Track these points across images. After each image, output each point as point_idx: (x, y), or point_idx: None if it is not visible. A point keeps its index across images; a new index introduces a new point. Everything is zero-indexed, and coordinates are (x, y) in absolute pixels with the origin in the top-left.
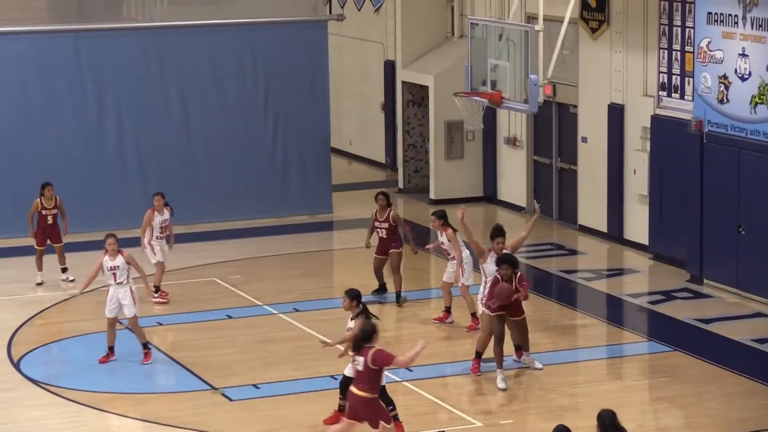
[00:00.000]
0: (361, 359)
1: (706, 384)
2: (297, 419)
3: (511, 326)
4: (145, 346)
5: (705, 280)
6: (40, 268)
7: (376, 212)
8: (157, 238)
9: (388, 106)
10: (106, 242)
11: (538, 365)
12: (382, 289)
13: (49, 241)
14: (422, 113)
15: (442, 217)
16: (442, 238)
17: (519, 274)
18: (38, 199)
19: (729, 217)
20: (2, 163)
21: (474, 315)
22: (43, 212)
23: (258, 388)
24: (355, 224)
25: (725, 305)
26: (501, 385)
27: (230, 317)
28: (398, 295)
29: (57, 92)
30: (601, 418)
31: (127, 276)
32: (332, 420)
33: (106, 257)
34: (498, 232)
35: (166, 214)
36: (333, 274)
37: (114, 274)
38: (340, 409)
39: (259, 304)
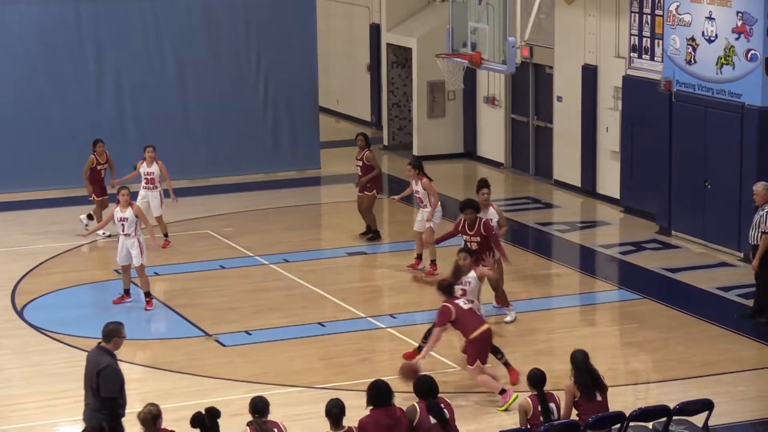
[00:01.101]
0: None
1: (672, 330)
2: (286, 364)
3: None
4: (148, 294)
5: (673, 232)
6: (100, 218)
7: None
8: (143, 188)
9: (374, 68)
10: (118, 193)
11: (508, 318)
12: (375, 235)
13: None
14: (406, 74)
15: (417, 166)
16: (417, 187)
17: (484, 220)
18: (92, 155)
19: (696, 172)
20: (7, 122)
21: (433, 262)
22: (98, 167)
23: (250, 334)
24: (342, 179)
25: (692, 255)
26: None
27: (223, 267)
28: (368, 230)
29: (58, 56)
30: (574, 359)
31: (135, 228)
32: (410, 355)
33: (118, 208)
34: (483, 183)
35: (154, 167)
36: (321, 226)
37: (123, 225)
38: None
39: (251, 255)
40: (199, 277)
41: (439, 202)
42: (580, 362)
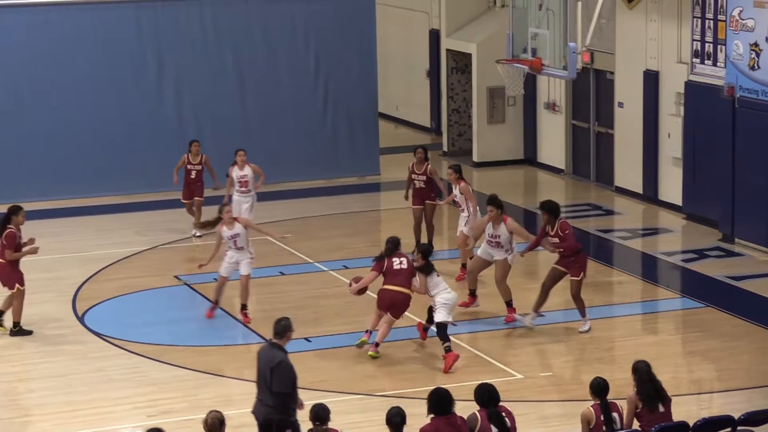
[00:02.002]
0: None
1: (736, 338)
2: (345, 371)
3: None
4: (244, 306)
5: (736, 239)
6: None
7: (413, 165)
8: (236, 192)
9: (433, 73)
10: (221, 212)
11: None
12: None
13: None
14: (465, 79)
15: (457, 171)
16: (456, 191)
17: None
18: (185, 155)
19: (759, 178)
20: (68, 128)
21: (464, 266)
22: (188, 167)
23: (309, 341)
24: (401, 186)
25: (756, 263)
26: (526, 322)
27: (283, 274)
28: (423, 243)
29: (119, 60)
30: (637, 370)
31: (247, 240)
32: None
33: (224, 228)
34: (491, 201)
35: (246, 170)
36: (380, 232)
37: (234, 241)
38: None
39: (311, 261)
40: (258, 284)
41: (478, 207)
42: (643, 373)
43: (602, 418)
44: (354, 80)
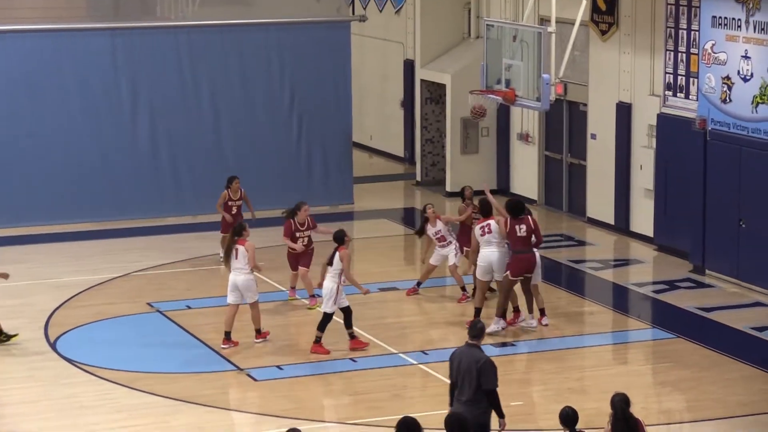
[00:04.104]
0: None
1: (706, 369)
2: (317, 399)
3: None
4: (259, 331)
5: (707, 271)
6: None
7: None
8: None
9: (407, 103)
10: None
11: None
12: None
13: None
14: (439, 110)
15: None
16: (438, 227)
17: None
18: (226, 191)
19: (730, 211)
20: (40, 155)
21: (463, 288)
22: (229, 203)
23: (281, 369)
24: (375, 215)
25: (726, 295)
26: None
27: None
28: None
29: (93, 87)
30: (613, 405)
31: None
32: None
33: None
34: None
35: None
36: (353, 261)
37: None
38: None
39: (283, 289)
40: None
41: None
42: (618, 410)
43: None
44: (329, 109)
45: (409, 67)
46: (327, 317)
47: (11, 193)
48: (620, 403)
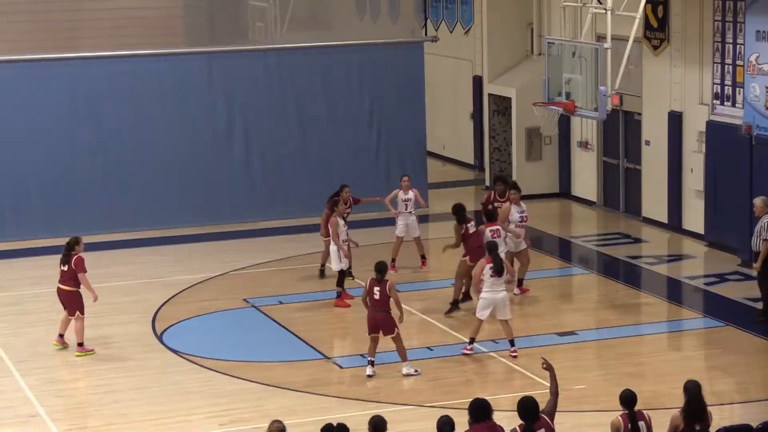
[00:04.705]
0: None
1: (754, 355)
2: (396, 384)
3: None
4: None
5: (753, 265)
6: (323, 259)
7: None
8: (401, 214)
9: (476, 115)
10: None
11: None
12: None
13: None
14: (506, 121)
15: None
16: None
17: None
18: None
19: None
20: (145, 167)
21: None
22: (347, 210)
23: (364, 357)
24: (448, 218)
25: None
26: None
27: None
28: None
29: (192, 105)
30: (687, 390)
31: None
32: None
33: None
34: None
35: (410, 194)
36: (428, 259)
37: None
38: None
39: (364, 285)
40: (320, 306)
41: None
42: (692, 394)
43: (630, 426)
44: (405, 122)
45: (477, 82)
46: (341, 274)
47: (124, 201)
48: (694, 389)
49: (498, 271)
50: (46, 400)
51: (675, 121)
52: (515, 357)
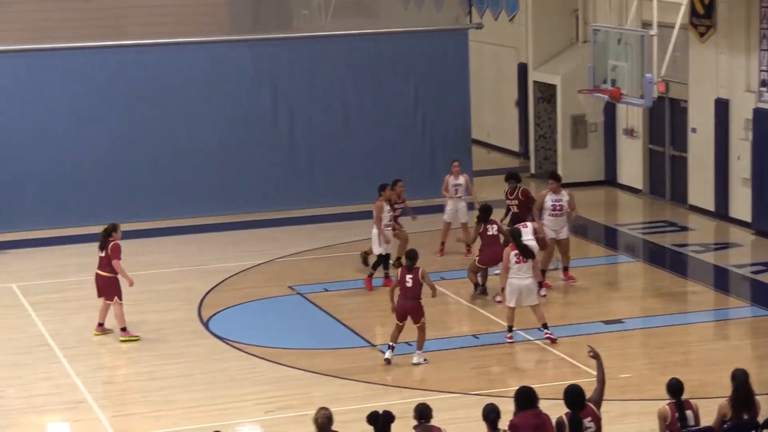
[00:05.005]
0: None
1: None
2: (441, 372)
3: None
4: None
5: None
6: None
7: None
8: (449, 199)
9: (521, 103)
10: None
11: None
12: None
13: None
14: (551, 108)
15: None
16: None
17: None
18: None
19: None
20: (190, 154)
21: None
22: (394, 206)
23: (411, 345)
24: (492, 205)
25: None
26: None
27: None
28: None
29: (237, 92)
30: (735, 378)
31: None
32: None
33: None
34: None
35: (461, 179)
36: (474, 247)
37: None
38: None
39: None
40: (365, 293)
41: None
42: (740, 382)
43: (677, 415)
44: (449, 109)
45: (522, 69)
46: (379, 258)
47: (166, 188)
48: (742, 377)
49: (524, 255)
50: (92, 387)
51: (722, 108)
52: (553, 341)
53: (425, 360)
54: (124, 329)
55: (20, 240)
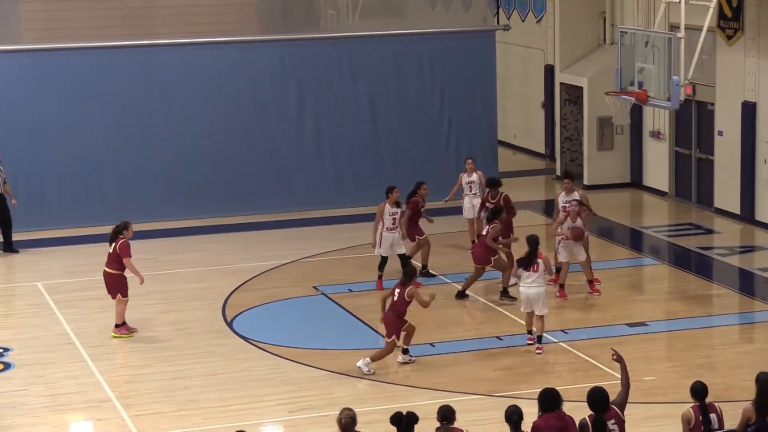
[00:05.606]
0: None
1: None
2: (465, 373)
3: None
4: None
5: None
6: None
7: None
8: (465, 195)
9: (548, 104)
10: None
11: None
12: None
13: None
14: (577, 110)
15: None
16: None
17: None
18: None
19: None
20: (215, 153)
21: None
22: (420, 209)
23: (433, 346)
24: (518, 206)
25: None
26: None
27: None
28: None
29: (264, 92)
30: (759, 381)
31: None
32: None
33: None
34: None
35: (474, 177)
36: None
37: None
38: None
39: (435, 274)
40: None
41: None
42: (764, 386)
43: (701, 418)
44: (476, 110)
45: (549, 71)
46: (383, 260)
47: (191, 187)
48: (767, 380)
49: (523, 265)
50: (116, 386)
51: (749, 111)
52: (539, 353)
53: (369, 371)
54: (118, 325)
55: (46, 239)
